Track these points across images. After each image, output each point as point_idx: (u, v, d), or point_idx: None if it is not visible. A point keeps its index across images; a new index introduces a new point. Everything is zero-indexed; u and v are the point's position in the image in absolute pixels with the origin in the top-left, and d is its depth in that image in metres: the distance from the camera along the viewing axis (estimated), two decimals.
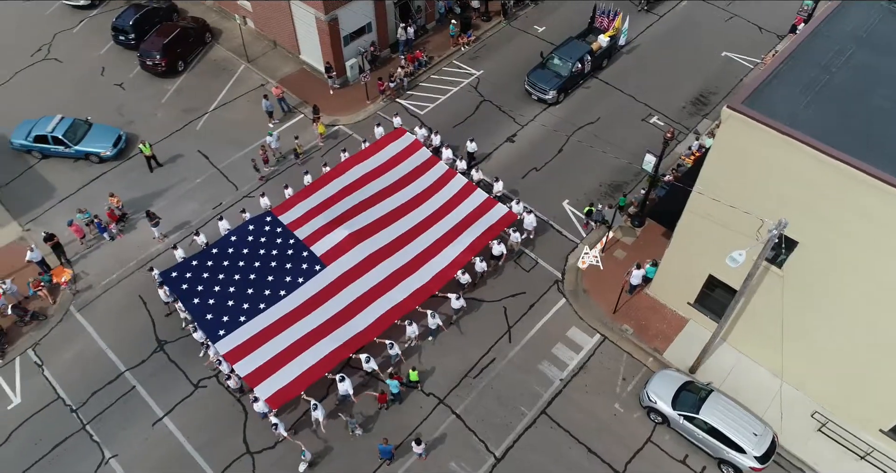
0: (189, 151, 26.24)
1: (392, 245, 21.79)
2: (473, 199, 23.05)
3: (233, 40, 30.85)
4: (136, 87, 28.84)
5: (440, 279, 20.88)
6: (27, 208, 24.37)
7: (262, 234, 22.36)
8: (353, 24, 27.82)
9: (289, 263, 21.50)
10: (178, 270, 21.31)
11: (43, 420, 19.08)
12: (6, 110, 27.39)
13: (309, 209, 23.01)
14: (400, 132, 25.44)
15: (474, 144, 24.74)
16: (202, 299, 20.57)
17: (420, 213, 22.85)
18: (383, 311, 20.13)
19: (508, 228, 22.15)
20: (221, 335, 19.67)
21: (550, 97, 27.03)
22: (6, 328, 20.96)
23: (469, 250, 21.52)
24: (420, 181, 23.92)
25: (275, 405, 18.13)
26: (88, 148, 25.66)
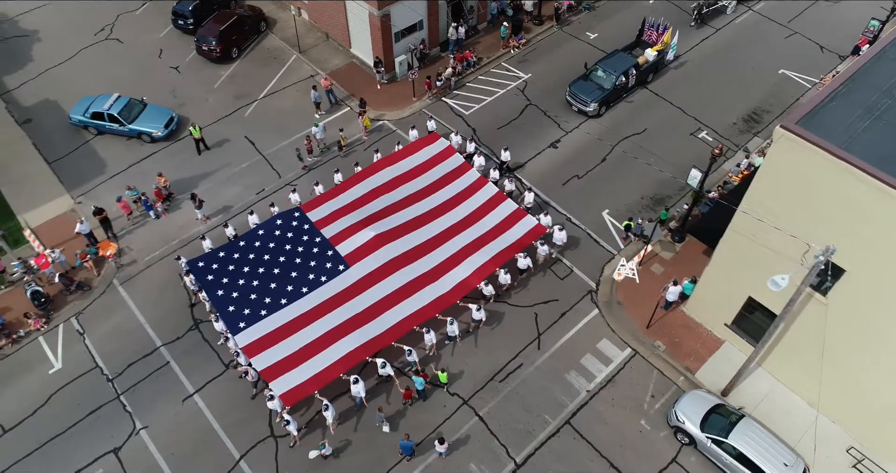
0: (236, 136, 26.84)
1: (417, 250, 21.63)
2: (503, 209, 22.74)
3: (286, 30, 31.41)
4: (190, 71, 29.64)
5: (462, 289, 20.67)
6: (80, 181, 25.31)
7: (290, 229, 22.49)
8: (404, 21, 28.04)
9: (313, 260, 21.58)
10: (205, 260, 21.61)
11: (81, 387, 19.81)
12: (69, 86, 28.49)
13: (337, 208, 23.05)
14: (434, 137, 25.31)
15: (508, 153, 24.47)
16: (226, 290, 20.81)
17: (447, 219, 22.65)
18: (403, 316, 20.02)
19: (536, 241, 21.69)
20: (242, 327, 19.88)
21: (591, 110, 26.61)
22: (52, 296, 21.82)
23: (494, 261, 21.19)
24: (450, 187, 23.71)
25: (288, 403, 18.21)
26: (141, 127, 26.49)
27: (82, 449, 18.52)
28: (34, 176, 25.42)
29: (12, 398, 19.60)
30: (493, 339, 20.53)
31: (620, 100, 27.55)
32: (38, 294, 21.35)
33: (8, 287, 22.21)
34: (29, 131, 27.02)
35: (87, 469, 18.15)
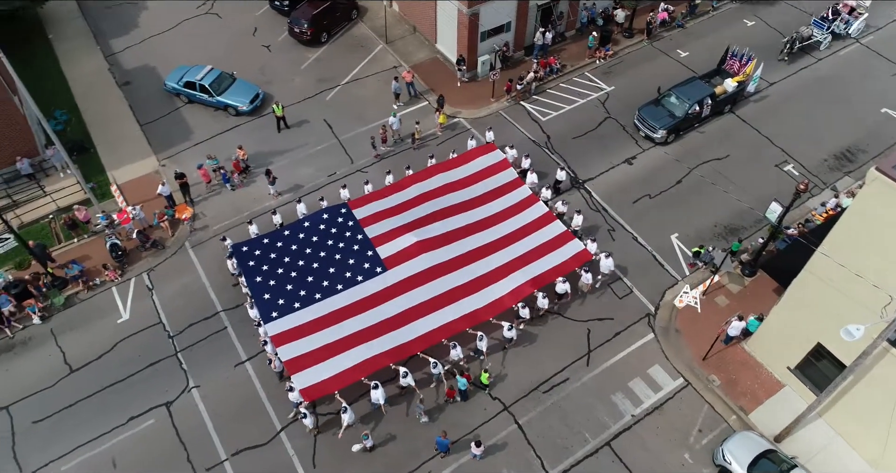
0: (316, 118, 27.57)
1: (456, 261, 21.35)
2: (550, 230, 22.16)
3: (376, 20, 31.99)
4: (280, 50, 30.64)
5: (496, 307, 20.23)
6: (166, 145, 26.62)
7: (334, 225, 22.62)
8: (492, 21, 28.04)
9: (352, 259, 21.66)
10: (249, 245, 21.98)
11: (144, 339, 20.88)
12: (167, 54, 30.02)
13: (383, 209, 23.03)
14: (490, 148, 24.99)
15: (564, 172, 23.92)
16: (264, 278, 21.11)
17: (492, 234, 22.27)
18: (433, 327, 19.73)
19: (581, 267, 21.04)
20: (274, 316, 20.11)
21: (659, 137, 25.64)
22: (129, 250, 23.09)
23: (533, 282, 20.64)
24: (499, 201, 23.31)
25: (307, 398, 18.29)
26: (228, 100, 27.60)
27: (138, 398, 19.54)
28: (126, 136, 26.94)
29: (82, 340, 20.89)
30: (541, 348, 20.34)
31: (692, 129, 26.47)
32: (117, 247, 22.65)
33: (90, 237, 23.66)
34: (127, 93, 28.64)
35: (140, 417, 19.14)
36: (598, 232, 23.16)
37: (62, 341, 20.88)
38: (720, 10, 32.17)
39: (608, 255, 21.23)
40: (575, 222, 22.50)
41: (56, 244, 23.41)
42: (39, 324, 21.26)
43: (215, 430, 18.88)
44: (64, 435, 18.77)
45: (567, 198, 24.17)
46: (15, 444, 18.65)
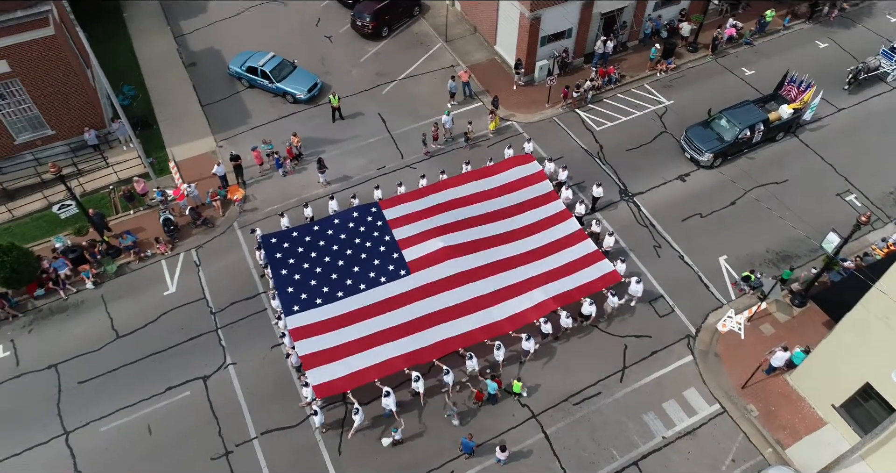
0: (370, 111, 27.90)
1: (482, 270, 21.07)
2: (580, 248, 21.67)
3: (437, 18, 32.16)
4: (341, 42, 31.12)
5: (517, 321, 19.85)
6: (224, 127, 27.37)
7: (363, 224, 22.60)
8: (554, 27, 27.85)
9: (377, 259, 21.64)
10: (279, 237, 22.13)
11: (187, 313, 21.52)
12: (232, 39, 30.87)
13: (413, 212, 22.88)
14: (527, 159, 24.58)
15: (601, 189, 23.30)
16: (289, 271, 21.23)
17: (520, 246, 21.90)
18: (451, 334, 19.51)
19: (608, 289, 20.48)
20: (295, 310, 20.22)
21: (705, 160, 24.81)
22: (180, 226, 23.86)
23: (557, 299, 20.22)
24: (531, 214, 22.91)
25: (320, 395, 18.31)
26: (287, 88, 28.18)
27: (177, 369, 20.17)
28: (188, 115, 27.82)
29: (130, 308, 21.68)
30: (576, 360, 20.12)
31: (741, 155, 25.55)
32: (169, 222, 23.42)
33: (146, 210, 24.54)
34: (192, 74, 29.57)
35: (177, 388, 19.76)
36: (644, 247, 22.78)
37: (111, 307, 21.73)
38: (792, 30, 31.17)
39: (638, 280, 20.63)
40: (607, 242, 21.90)
41: (113, 214, 24.38)
42: (92, 289, 22.19)
43: (248, 408, 19.34)
44: (105, 398, 19.52)
45: (611, 212, 23.86)
46: (60, 401, 19.52)
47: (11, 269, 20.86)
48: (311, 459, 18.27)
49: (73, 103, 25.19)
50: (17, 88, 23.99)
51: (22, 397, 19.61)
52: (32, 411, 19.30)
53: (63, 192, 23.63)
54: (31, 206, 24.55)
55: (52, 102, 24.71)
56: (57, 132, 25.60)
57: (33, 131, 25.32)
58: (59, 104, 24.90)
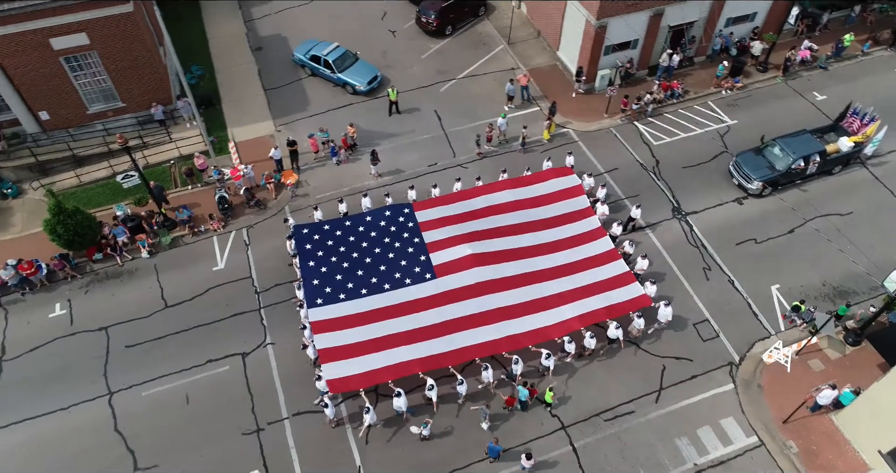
0: (427, 108, 28.07)
1: (508, 281, 20.82)
2: (611, 268, 21.18)
3: (502, 20, 32.10)
4: (405, 37, 31.40)
5: (538, 336, 19.56)
6: (284, 112, 27.96)
7: (394, 223, 22.63)
8: (619, 36, 27.43)
9: (404, 260, 21.63)
10: (310, 229, 22.39)
11: (233, 290, 22.09)
12: (299, 27, 31.51)
13: (445, 216, 22.77)
14: (566, 171, 24.15)
15: (639, 210, 22.76)
16: (317, 263, 21.44)
17: (549, 260, 21.56)
18: (470, 343, 19.39)
19: (635, 312, 19.94)
20: (318, 303, 20.38)
21: (754, 188, 23.89)
22: (234, 205, 24.51)
23: (582, 318, 19.88)
24: (564, 229, 22.52)
25: (333, 390, 18.45)
26: (348, 78, 28.59)
27: (218, 344, 20.73)
28: (250, 98, 28.55)
29: (180, 280, 22.40)
30: (611, 375, 19.81)
31: (792, 185, 24.51)
32: (224, 200, 24.09)
33: (203, 187, 25.32)
34: (257, 58, 30.33)
35: (217, 362, 20.32)
36: (692, 268, 22.25)
37: (163, 277, 22.50)
38: (871, 56, 29.93)
39: (667, 303, 20.09)
40: (639, 265, 21.30)
41: (172, 188, 25.24)
42: (146, 258, 23.03)
43: (282, 388, 19.75)
44: (149, 364, 20.22)
45: (661, 229, 23.35)
46: (107, 363, 20.34)
47: (74, 232, 21.84)
48: (337, 444, 18.53)
49: (145, 78, 26.16)
50: (94, 60, 25.05)
51: (73, 354, 20.52)
52: (81, 369, 20.17)
53: (128, 162, 24.61)
54: (98, 173, 25.65)
55: (124, 76, 25.72)
56: (127, 105, 26.63)
57: (105, 103, 26.40)
58: (131, 78, 25.90)
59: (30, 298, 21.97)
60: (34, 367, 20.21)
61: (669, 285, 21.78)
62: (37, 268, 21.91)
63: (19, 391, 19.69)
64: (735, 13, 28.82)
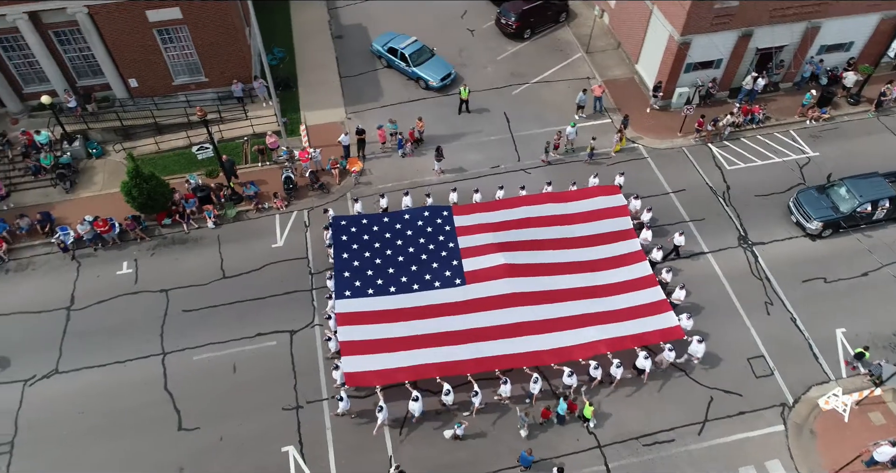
0: (497, 110, 28.02)
1: (537, 296, 20.38)
2: (647, 294, 20.48)
3: (582, 27, 31.71)
4: (482, 37, 31.44)
5: (561, 355, 19.08)
6: (356, 101, 28.46)
7: (431, 225, 22.52)
8: (703, 55, 26.64)
9: (436, 263, 21.52)
10: (349, 220, 22.57)
11: (288, 268, 22.62)
12: (379, 19, 32.08)
13: (483, 223, 22.55)
14: (613, 190, 23.54)
15: (682, 237, 21.87)
16: (350, 256, 21.60)
17: (584, 279, 21.01)
18: (491, 354, 19.09)
19: (666, 343, 19.23)
20: (346, 295, 20.53)
21: (813, 228, 22.65)
22: (299, 186, 25.12)
23: (608, 343, 19.26)
24: (604, 248, 21.91)
25: (349, 383, 18.56)
26: (422, 73, 28.84)
27: (268, 319, 21.27)
28: (326, 84, 29.19)
29: (240, 253, 23.12)
30: (656, 400, 19.30)
31: (857, 229, 23.07)
32: (290, 181, 24.72)
33: (271, 165, 26.06)
34: (337, 46, 30.99)
35: (266, 336, 20.83)
36: (753, 300, 21.41)
37: (224, 249, 23.28)
38: None
39: (701, 339, 19.29)
40: (676, 295, 20.58)
41: (243, 164, 26.08)
42: (211, 229, 23.89)
43: (324, 369, 20.11)
44: (202, 330, 20.95)
45: (724, 257, 22.56)
46: (164, 324, 21.21)
47: (148, 196, 22.87)
48: (372, 432, 18.65)
49: (229, 56, 27.12)
50: (184, 34, 26.13)
51: (134, 311, 21.51)
52: (140, 327, 21.11)
53: (204, 135, 25.57)
54: (175, 143, 26.78)
55: (210, 52, 26.73)
56: (209, 80, 27.68)
57: (189, 76, 27.52)
58: (216, 55, 26.90)
59: (101, 254, 23.18)
60: (98, 319, 21.31)
61: (725, 314, 21.05)
62: (110, 226, 23.07)
63: (83, 341, 20.80)
64: (830, 41, 27.56)
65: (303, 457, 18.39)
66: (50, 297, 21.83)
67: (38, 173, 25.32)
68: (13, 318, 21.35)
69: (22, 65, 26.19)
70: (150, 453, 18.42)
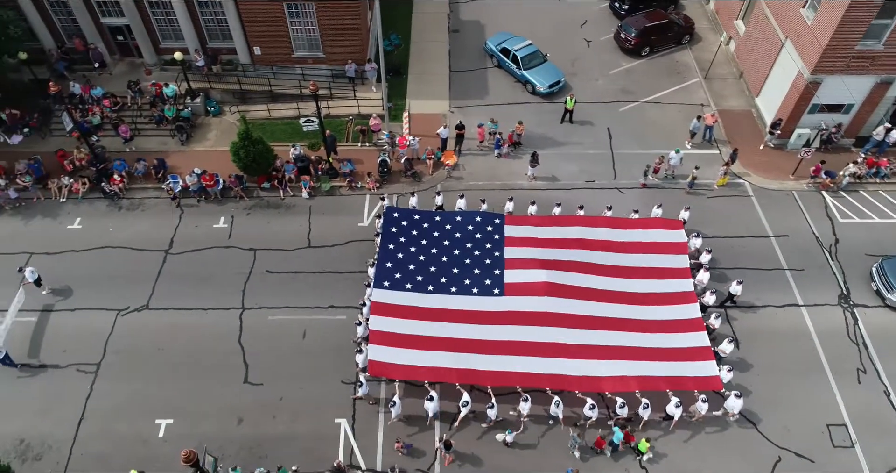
0: (601, 124, 27.51)
1: (574, 319, 19.77)
2: (691, 337, 19.39)
3: (705, 52, 30.54)
4: (598, 49, 30.93)
5: (587, 384, 18.43)
6: (461, 96, 28.76)
7: (481, 230, 22.35)
8: (832, 97, 24.97)
9: (478, 269, 21.33)
10: (401, 213, 22.76)
11: (369, 248, 23.04)
12: (497, 18, 32.28)
13: (533, 236, 22.14)
14: (676, 224, 22.47)
15: (740, 287, 20.57)
16: (396, 247, 21.69)
17: (627, 311, 20.19)
18: (514, 370, 18.70)
19: (701, 393, 18.19)
20: (385, 285, 20.65)
21: (892, 299, 21.00)
22: (392, 170, 25.66)
23: (640, 381, 18.41)
24: (653, 283, 20.92)
25: (370, 372, 18.75)
26: (531, 77, 28.71)
27: (343, 293, 21.84)
28: (434, 75, 29.65)
29: (327, 226, 23.93)
30: (715, 447, 18.42)
31: None
32: (385, 164, 25.32)
33: (370, 147, 26.81)
34: (451, 39, 31.39)
35: (338, 309, 21.45)
36: (843, 365, 19.99)
37: (313, 219, 24.17)
38: None
39: (738, 394, 18.14)
40: (723, 346, 19.42)
41: (343, 141, 26.94)
42: (305, 198, 24.87)
43: None
44: (281, 293, 21.86)
45: (820, 313, 21.18)
46: (248, 281, 22.32)
47: (253, 158, 24.09)
48: (423, 420, 18.88)
49: (348, 37, 28.01)
50: (310, 10, 27.19)
51: (223, 265, 22.75)
52: (225, 279, 22.30)
53: (312, 109, 26.52)
54: (285, 112, 28.05)
55: (331, 30, 27.69)
56: (326, 57, 28.73)
57: (308, 51, 28.68)
58: (336, 34, 27.85)
59: (202, 206, 24.66)
60: (190, 266, 22.71)
61: (810, 374, 19.80)
62: (215, 181, 24.49)
63: (174, 283, 22.23)
64: None
65: (353, 431, 18.90)
66: (153, 238, 23.49)
67: (161, 123, 27.25)
68: (120, 251, 23.15)
69: (163, 21, 28.21)
70: (215, 398, 19.50)
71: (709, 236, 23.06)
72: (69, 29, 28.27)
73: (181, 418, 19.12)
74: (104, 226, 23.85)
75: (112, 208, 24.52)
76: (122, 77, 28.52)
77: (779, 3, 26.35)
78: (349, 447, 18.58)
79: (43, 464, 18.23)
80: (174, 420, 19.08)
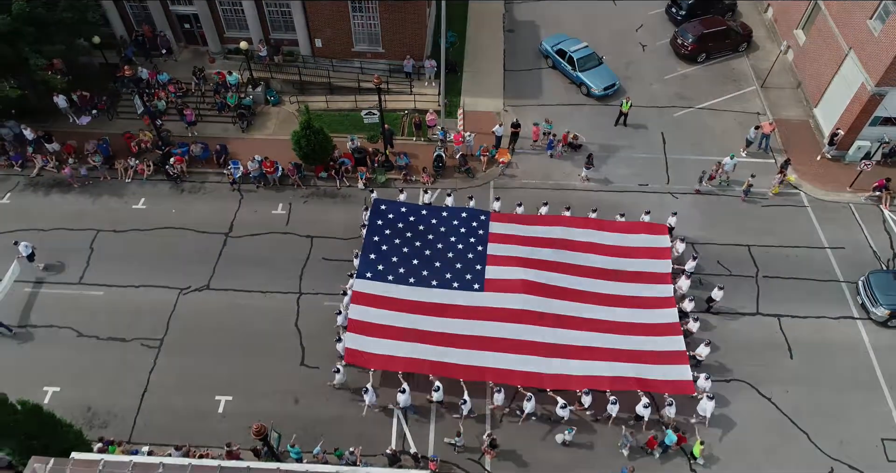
0: (654, 128, 27.54)
1: (551, 319, 20.05)
2: (667, 341, 19.58)
3: (762, 60, 30.31)
4: (654, 54, 30.89)
5: (559, 381, 18.78)
6: (516, 95, 29.01)
7: (466, 226, 22.64)
8: None
9: (460, 264, 21.63)
10: (388, 206, 23.08)
11: None
12: (554, 19, 32.41)
13: (517, 234, 22.36)
14: (660, 229, 22.54)
15: (721, 292, 20.77)
16: (380, 239, 22.09)
17: (604, 312, 20.42)
18: (488, 365, 19.10)
19: (672, 396, 18.42)
20: (367, 276, 21.02)
21: (879, 314, 20.83)
22: (447, 166, 26.00)
23: (612, 381, 18.65)
24: (632, 286, 21.09)
25: (346, 359, 19.23)
26: (586, 79, 28.80)
27: None
28: (489, 74, 29.93)
29: None
30: (770, 454, 18.41)
31: None
32: (440, 159, 25.70)
33: (425, 142, 27.21)
34: (507, 39, 31.64)
35: None
36: None
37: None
38: None
39: (711, 397, 18.35)
40: (699, 350, 19.58)
41: (400, 135, 27.42)
42: (360, 189, 25.37)
43: None
44: (335, 279, 22.22)
45: (867, 327, 21.01)
46: (305, 266, 22.90)
47: (313, 148, 24.62)
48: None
49: (407, 33, 28.46)
50: (374, 5, 27.69)
51: (281, 249, 23.36)
52: (283, 264, 22.90)
53: (370, 102, 27.08)
54: (342, 104, 28.59)
55: (392, 26, 28.17)
56: (385, 52, 29.24)
57: (368, 45, 29.21)
58: (396, 29, 28.33)
59: (262, 191, 25.33)
60: (249, 249, 23.37)
61: (865, 387, 19.70)
62: (275, 169, 25.14)
63: (234, 265, 22.90)
64: None
65: (406, 421, 19.32)
66: (214, 220, 24.21)
67: (223, 110, 28.03)
68: (182, 232, 23.92)
69: (229, 12, 28.97)
70: (272, 378, 20.09)
71: (763, 246, 23.11)
72: (139, 16, 29.25)
73: (239, 395, 19.75)
74: (167, 207, 24.68)
75: (175, 191, 25.34)
76: (187, 64, 29.42)
77: (844, 14, 26.07)
78: (402, 433, 19.01)
79: (107, 432, 18.98)
80: (233, 397, 19.72)
